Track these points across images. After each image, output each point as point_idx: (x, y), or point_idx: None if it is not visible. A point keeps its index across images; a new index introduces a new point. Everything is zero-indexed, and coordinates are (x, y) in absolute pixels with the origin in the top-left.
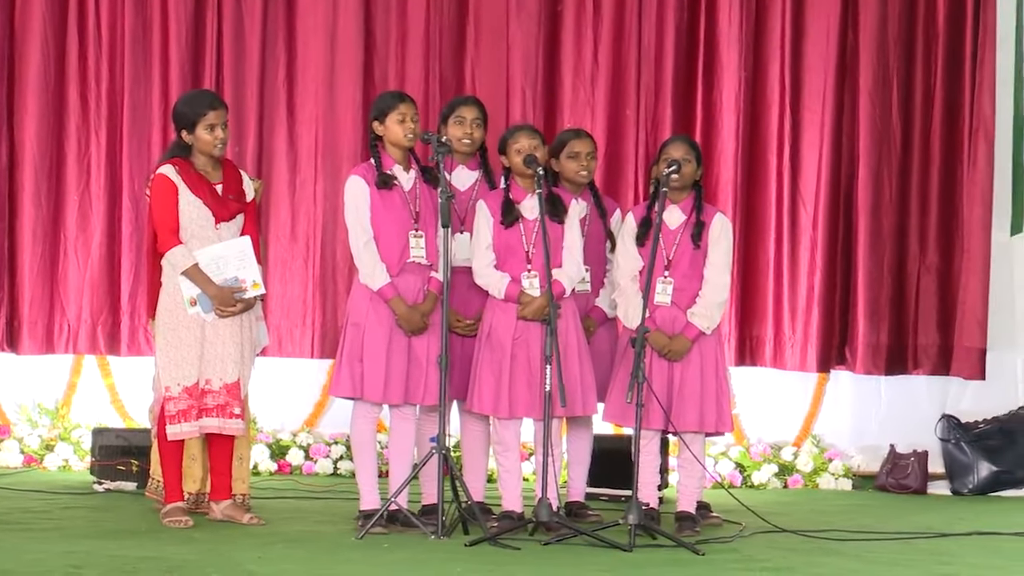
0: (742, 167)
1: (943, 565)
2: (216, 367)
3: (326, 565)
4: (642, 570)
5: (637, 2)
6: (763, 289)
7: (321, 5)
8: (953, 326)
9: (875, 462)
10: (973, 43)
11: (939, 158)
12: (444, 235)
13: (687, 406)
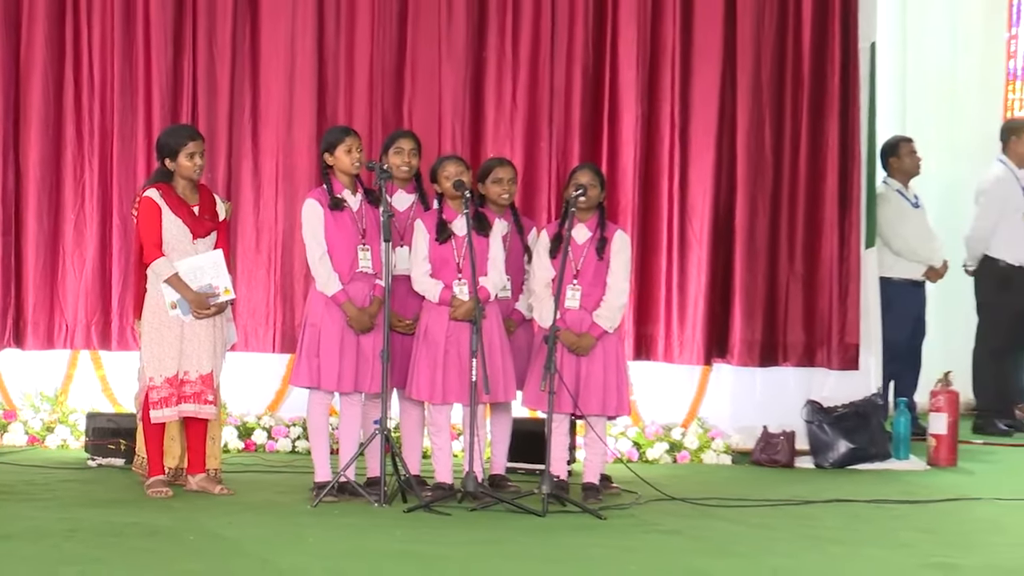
0: (639, 191)
1: (808, 528)
2: (193, 361)
3: (285, 529)
4: (553, 533)
5: (549, 51)
6: (656, 294)
7: (281, 53)
8: (815, 325)
9: (750, 440)
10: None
11: (804, 184)
12: (386, 249)
13: (592, 393)
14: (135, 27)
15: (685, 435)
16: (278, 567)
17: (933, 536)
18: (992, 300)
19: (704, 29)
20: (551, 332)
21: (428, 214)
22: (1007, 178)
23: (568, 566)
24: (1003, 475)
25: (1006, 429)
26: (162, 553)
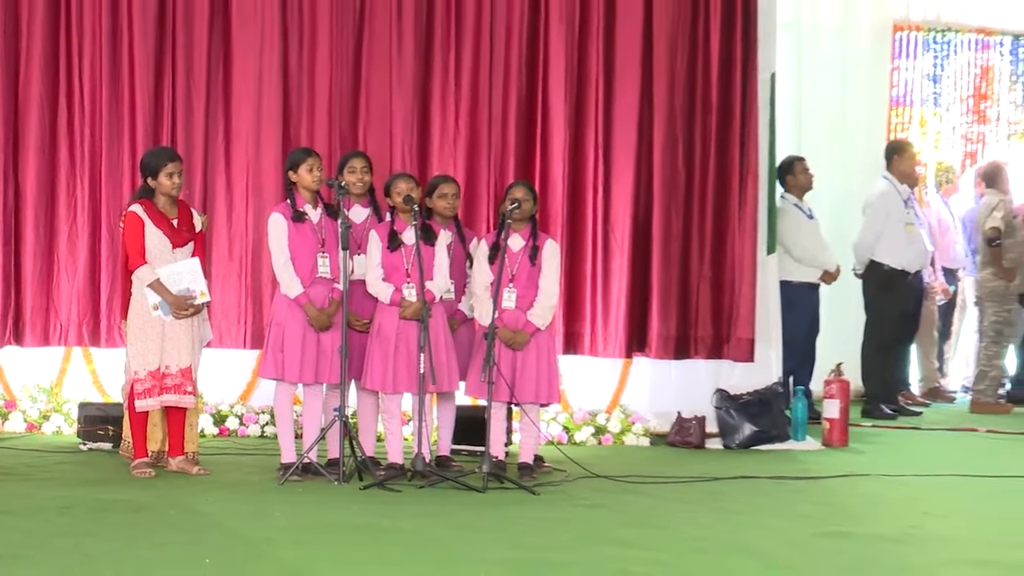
0: (567, 204)
1: (717, 501)
2: (173, 356)
3: (256, 504)
4: (493, 507)
5: (488, 81)
6: (583, 295)
7: (250, 83)
8: (723, 322)
9: (666, 424)
10: (742, 110)
11: (712, 198)
12: (343, 256)
13: (526, 383)
14: (121, 61)
15: (609, 420)
16: (249, 539)
17: (827, 508)
18: (877, 300)
19: (624, 62)
20: (490, 329)
21: (381, 225)
22: (891, 192)
23: (506, 536)
24: (888, 454)
25: (891, 413)
26: (146, 526)
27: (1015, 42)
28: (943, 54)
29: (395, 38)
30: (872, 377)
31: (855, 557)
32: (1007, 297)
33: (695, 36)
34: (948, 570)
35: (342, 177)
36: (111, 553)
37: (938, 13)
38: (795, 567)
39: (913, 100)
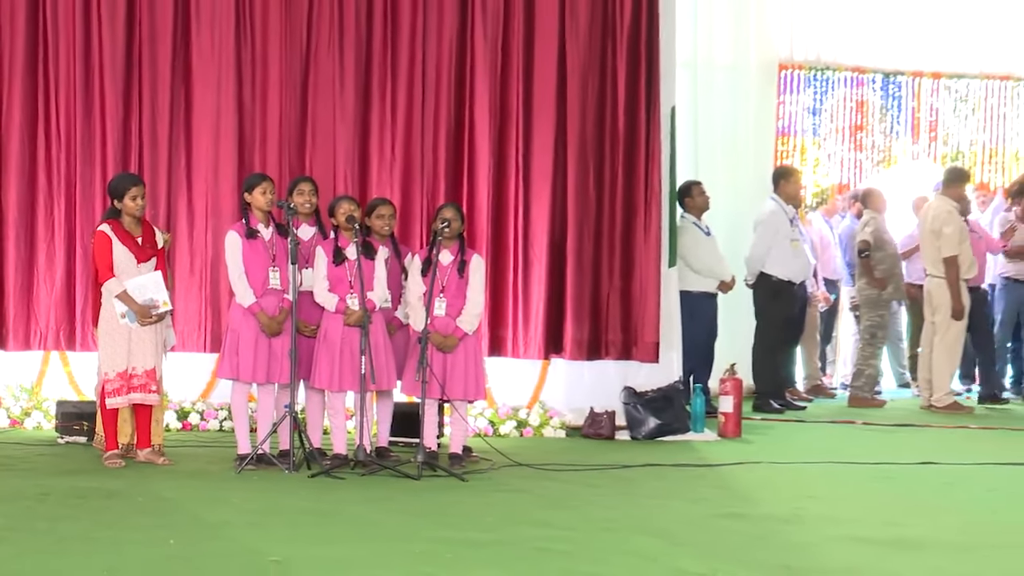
0: (491, 223)
1: (626, 486)
2: (139, 359)
3: (215, 491)
4: (426, 492)
5: (420, 114)
6: (505, 304)
7: (208, 115)
8: (630, 327)
9: (580, 418)
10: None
11: (620, 217)
12: (293, 270)
13: (456, 382)
14: (92, 96)
15: (529, 415)
16: (209, 521)
17: (723, 492)
18: (767, 307)
19: (541, 97)
20: (423, 334)
21: (326, 242)
22: (778, 212)
23: (438, 518)
24: (777, 444)
25: (779, 408)
26: (117, 511)
27: (885, 79)
28: (822, 90)
29: (338, 75)
30: (762, 376)
31: (748, 536)
32: (880, 303)
33: (604, 74)
34: (829, 546)
35: (291, 199)
36: (85, 535)
37: (818, 54)
38: (695, 544)
39: (796, 130)
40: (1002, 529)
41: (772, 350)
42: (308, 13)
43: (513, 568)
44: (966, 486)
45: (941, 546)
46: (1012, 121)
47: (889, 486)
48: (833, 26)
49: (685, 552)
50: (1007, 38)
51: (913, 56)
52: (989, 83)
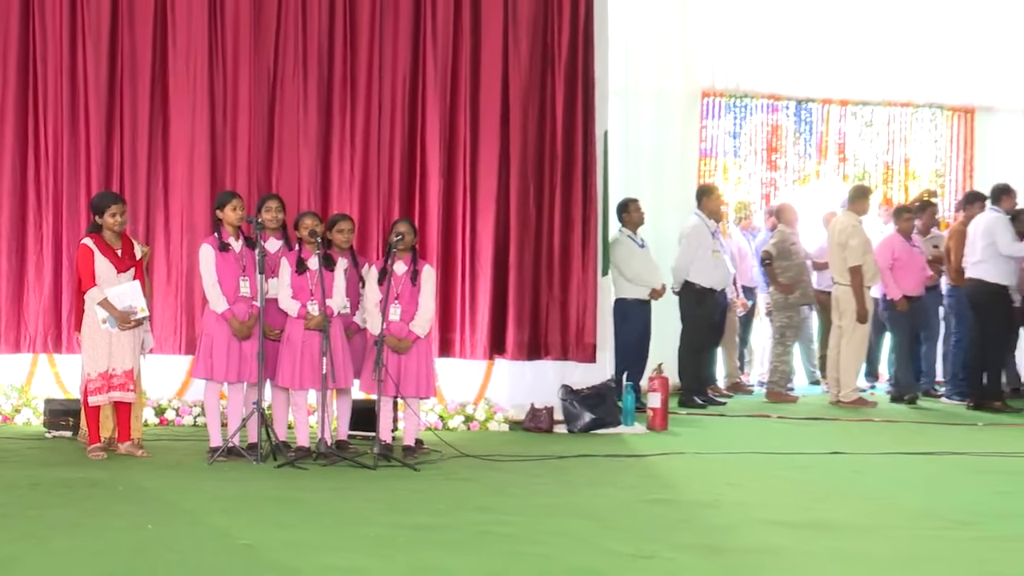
0: (441, 237)
1: (563, 475)
2: (119, 360)
3: (190, 480)
4: (382, 481)
5: (377, 138)
6: (454, 310)
7: (184, 138)
8: (567, 330)
9: (522, 413)
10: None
11: (559, 232)
12: (260, 279)
13: (409, 381)
14: (78, 123)
15: (475, 410)
16: (184, 508)
17: (652, 479)
18: (691, 312)
19: (486, 122)
20: (379, 338)
21: (291, 254)
22: (701, 226)
23: (392, 504)
24: (700, 436)
25: (702, 403)
26: (100, 499)
27: (798, 106)
28: (741, 115)
29: (302, 102)
30: (686, 374)
31: (673, 519)
32: (788, 307)
33: (543, 101)
34: (747, 528)
35: (259, 215)
36: (71, 521)
37: (737, 83)
38: (624, 527)
39: (718, 152)
40: (904, 513)
41: (696, 351)
42: (275, 46)
43: (461, 549)
44: (872, 474)
45: (849, 528)
46: (911, 143)
47: (802, 474)
48: (751, 57)
49: (616, 534)
50: (907, 69)
51: (823, 85)
52: (891, 109)
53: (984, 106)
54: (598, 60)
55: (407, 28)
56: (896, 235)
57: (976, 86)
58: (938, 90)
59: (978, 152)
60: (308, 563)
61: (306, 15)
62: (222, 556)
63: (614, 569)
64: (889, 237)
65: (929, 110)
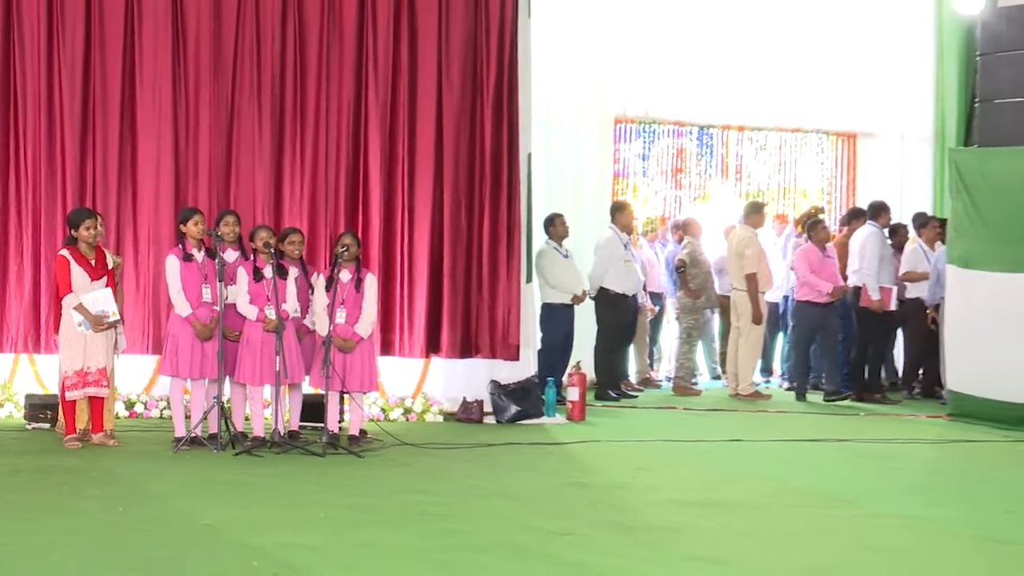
0: (382, 248)
1: (491, 461)
2: (93, 359)
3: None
4: (329, 467)
5: (324, 159)
6: (394, 313)
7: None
8: (496, 332)
9: (455, 406)
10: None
11: (487, 243)
12: (220, 286)
13: (353, 377)
14: (55, 145)
15: (413, 403)
16: (151, 492)
17: (571, 465)
18: (606, 315)
19: (422, 146)
20: (327, 338)
21: (247, 263)
22: (614, 238)
23: (339, 487)
24: (614, 426)
25: (616, 397)
26: (75, 484)
27: (700, 131)
28: (650, 139)
29: (256, 128)
30: (602, 371)
31: (589, 500)
32: (695, 310)
33: (473, 127)
34: (655, 508)
35: (219, 228)
36: (49, 503)
37: (646, 110)
38: (545, 507)
39: (629, 172)
40: (793, 493)
41: (610, 350)
42: (232, 76)
43: (400, 527)
44: (766, 459)
45: (745, 507)
46: (800, 165)
47: (704, 459)
48: (658, 87)
49: (538, 513)
50: (797, 98)
51: (722, 112)
52: (782, 134)
53: (865, 132)
54: (522, 90)
55: (351, 61)
56: (811, 246)
57: (858, 114)
58: (824, 117)
59: (859, 173)
60: (264, 540)
61: (260, 49)
62: (186, 535)
63: (536, 544)
64: (805, 248)
65: (816, 135)
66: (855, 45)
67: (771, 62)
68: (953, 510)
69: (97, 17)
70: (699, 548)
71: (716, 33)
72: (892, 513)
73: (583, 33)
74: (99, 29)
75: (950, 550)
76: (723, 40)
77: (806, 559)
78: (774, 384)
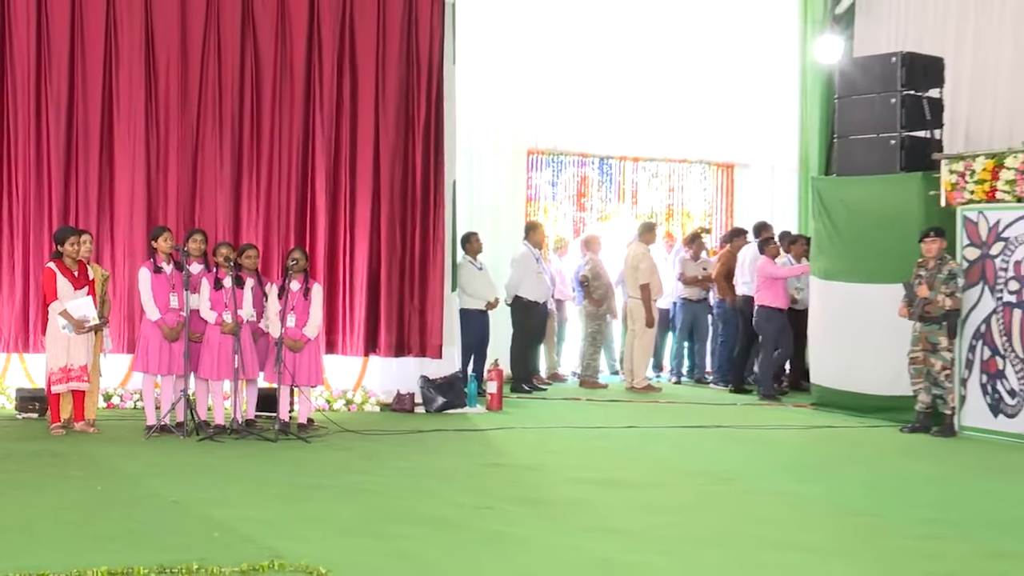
0: (327, 261)
1: (421, 445)
2: (75, 358)
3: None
4: (281, 451)
5: (278, 184)
6: (337, 317)
7: (126, 184)
8: (425, 334)
9: (390, 398)
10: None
11: (418, 258)
12: (186, 295)
13: (302, 372)
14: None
15: (354, 395)
16: (126, 472)
17: (488, 448)
18: (520, 319)
19: (362, 173)
20: (279, 339)
21: (209, 275)
22: (528, 253)
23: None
24: (527, 415)
25: (528, 390)
26: (60, 466)
27: (601, 161)
28: (559, 168)
29: (218, 157)
30: (517, 367)
31: (505, 478)
32: (598, 316)
33: (406, 157)
34: (562, 485)
35: (187, 244)
36: (37, 482)
37: (555, 143)
38: (468, 485)
39: (540, 197)
40: (681, 472)
41: (524, 349)
42: (197, 114)
43: (343, 503)
44: (657, 442)
45: (640, 484)
46: (687, 191)
47: (604, 443)
48: (565, 124)
49: (461, 490)
50: (683, 133)
51: (620, 145)
52: (671, 164)
53: (741, 163)
54: (447, 126)
55: (300, 102)
56: (766, 260)
57: (735, 147)
58: (706, 150)
59: (737, 198)
60: (224, 514)
61: (221, 90)
62: (156, 510)
63: (459, 517)
64: (762, 262)
65: (700, 165)
66: (733, 88)
67: (662, 101)
68: (818, 486)
69: (80, 61)
70: (599, 520)
71: (616, 76)
72: (766, 489)
73: (500, 76)
74: (81, 71)
75: (816, 520)
76: (621, 82)
77: (692, 529)
78: (664, 378)
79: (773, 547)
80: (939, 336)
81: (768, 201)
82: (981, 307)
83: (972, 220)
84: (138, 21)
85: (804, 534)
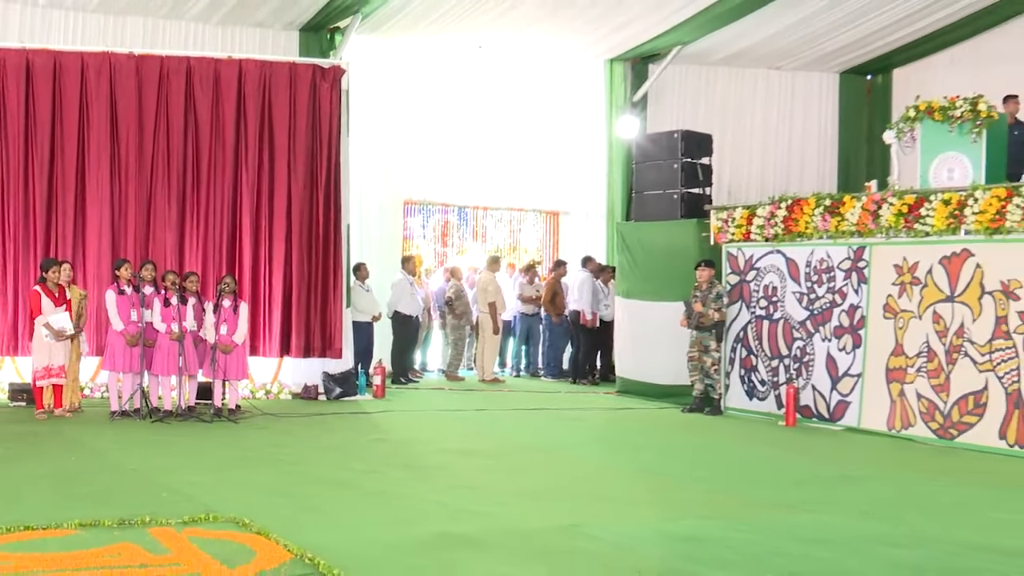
0: (251, 283)
1: (322, 425)
2: (56, 360)
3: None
4: (216, 431)
5: (216, 223)
6: (259, 326)
7: (96, 224)
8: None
9: (300, 388)
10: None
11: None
12: (142, 311)
13: (232, 369)
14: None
15: (272, 387)
16: (94, 447)
17: (375, 427)
18: (399, 329)
19: (278, 218)
20: (214, 344)
21: (160, 295)
22: (404, 279)
23: (223, 443)
24: (405, 401)
25: (404, 382)
26: (41, 443)
27: (460, 209)
28: (427, 214)
29: (167, 201)
30: (396, 364)
31: (387, 451)
32: (459, 327)
33: (312, 206)
34: (430, 455)
35: (142, 272)
36: (22, 454)
37: (425, 195)
38: (359, 455)
39: (413, 236)
40: (519, 445)
41: (402, 351)
42: (151, 166)
43: (262, 469)
44: (503, 421)
45: (489, 453)
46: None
47: (461, 423)
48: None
49: (353, 458)
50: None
51: (474, 196)
52: (512, 212)
53: (564, 211)
54: (343, 181)
55: (230, 164)
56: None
57: (559, 199)
58: (538, 201)
59: (561, 237)
60: (173, 479)
61: (170, 153)
62: (119, 476)
63: (353, 479)
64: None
65: (533, 213)
66: (558, 154)
67: (505, 164)
68: (622, 454)
69: (59, 129)
70: (458, 479)
71: (471, 145)
72: (581, 457)
73: (383, 145)
74: (60, 137)
75: (620, 479)
76: (475, 149)
77: (526, 485)
78: (507, 373)
79: (586, 499)
80: (710, 340)
81: (584, 240)
82: (740, 319)
83: (733, 254)
84: (104, 100)
85: (610, 488)
